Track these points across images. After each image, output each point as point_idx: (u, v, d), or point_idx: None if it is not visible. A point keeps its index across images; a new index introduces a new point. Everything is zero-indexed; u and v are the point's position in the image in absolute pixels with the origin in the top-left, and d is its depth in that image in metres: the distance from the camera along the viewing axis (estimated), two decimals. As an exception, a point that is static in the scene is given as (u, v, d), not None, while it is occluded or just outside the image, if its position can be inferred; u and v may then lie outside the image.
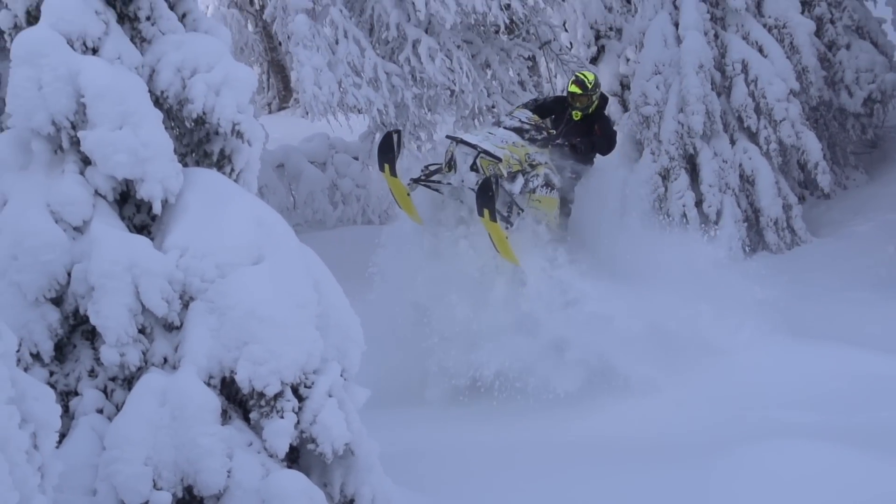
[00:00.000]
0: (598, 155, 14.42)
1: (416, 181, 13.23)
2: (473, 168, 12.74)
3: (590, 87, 13.93)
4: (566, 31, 28.16)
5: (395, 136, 13.05)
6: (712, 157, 18.32)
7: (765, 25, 18.69)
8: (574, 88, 13.92)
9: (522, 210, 13.02)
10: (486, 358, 12.97)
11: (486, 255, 13.07)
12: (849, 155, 20.25)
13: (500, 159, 12.57)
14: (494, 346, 12.95)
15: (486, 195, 12.01)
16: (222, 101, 8.91)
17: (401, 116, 18.02)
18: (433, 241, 13.54)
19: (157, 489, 7.82)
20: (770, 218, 18.29)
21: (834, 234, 18.44)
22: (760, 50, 18.46)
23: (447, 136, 13.55)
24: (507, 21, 17.19)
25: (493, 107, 18.10)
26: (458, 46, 16.95)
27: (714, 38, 18.61)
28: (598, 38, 28.59)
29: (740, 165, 18.49)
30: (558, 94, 16.24)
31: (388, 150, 12.98)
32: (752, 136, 18.61)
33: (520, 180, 12.92)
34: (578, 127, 13.94)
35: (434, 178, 13.27)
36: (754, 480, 9.66)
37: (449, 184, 13.10)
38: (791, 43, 18.70)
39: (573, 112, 13.98)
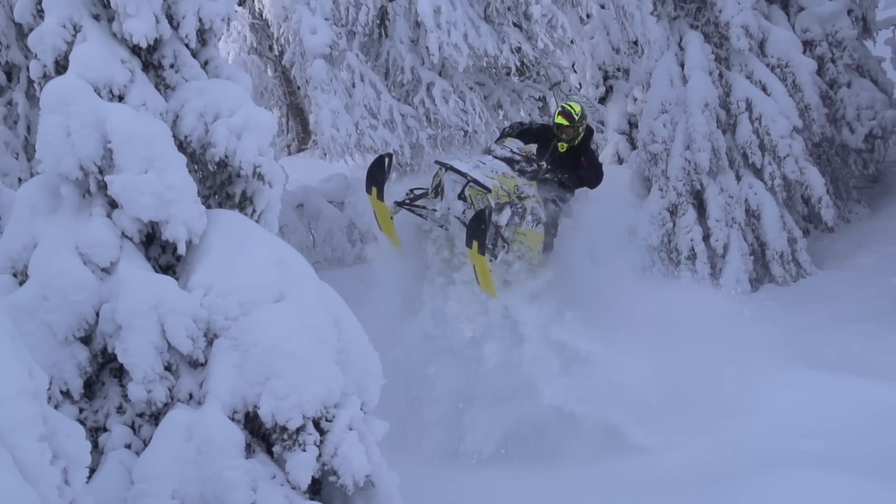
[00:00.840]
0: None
1: (400, 205, 12.48)
2: (461, 197, 12.09)
3: (577, 118, 13.11)
4: (575, 72, 28.34)
5: (386, 160, 12.29)
6: (719, 192, 18.32)
7: (768, 65, 18.72)
8: (561, 120, 13.13)
9: (508, 244, 12.28)
10: (478, 442, 12.33)
11: (473, 312, 12.45)
12: (851, 189, 20.23)
13: (489, 190, 11.87)
14: (490, 424, 12.27)
15: (479, 227, 11.32)
16: (244, 144, 8.97)
17: (416, 157, 18.08)
18: (416, 293, 12.90)
19: (184, 521, 7.86)
20: (776, 251, 18.27)
21: (838, 267, 18.40)
22: (764, 89, 18.47)
23: (436, 162, 12.61)
24: (518, 63, 17.27)
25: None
26: (471, 88, 17.04)
27: (719, 78, 18.64)
28: (606, 78, 28.80)
29: (746, 200, 18.48)
30: (544, 121, 15.37)
31: (378, 174, 12.24)
32: (757, 172, 18.60)
33: (507, 212, 12.16)
34: (564, 158, 13.16)
35: (419, 202, 12.56)
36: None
37: (434, 210, 12.41)
38: (793, 81, 18.72)
39: (559, 143, 13.18)
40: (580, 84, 28.24)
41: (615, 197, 19.29)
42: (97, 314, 8.24)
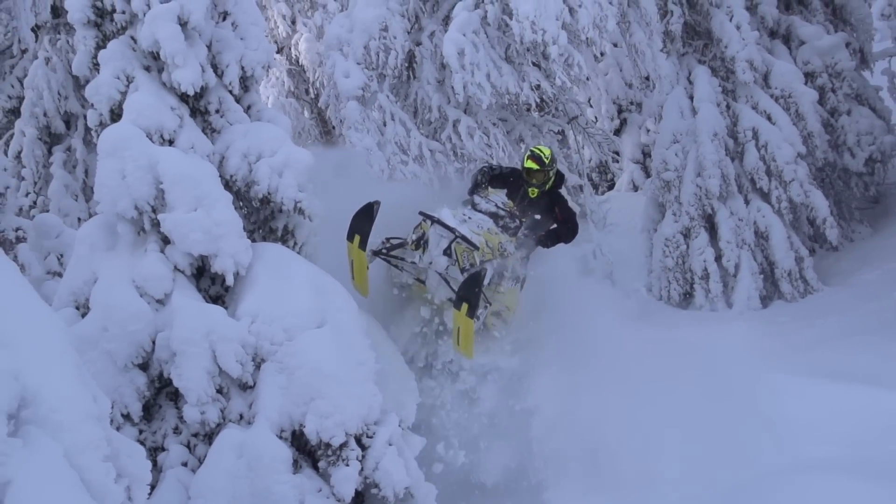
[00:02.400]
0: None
1: (377, 254, 10.84)
2: (446, 252, 10.65)
3: (547, 162, 11.91)
4: (591, 106, 28.38)
5: (375, 207, 10.67)
6: (729, 216, 18.32)
7: (772, 96, 18.72)
8: (531, 164, 11.92)
9: (490, 303, 10.92)
10: None
11: (462, 416, 11.07)
12: (854, 210, 20.15)
13: (477, 247, 10.57)
14: None
15: (472, 290, 9.98)
16: (285, 181, 9.06)
17: (444, 189, 18.08)
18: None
19: (238, 533, 7.91)
20: (784, 270, 18.23)
21: (843, 283, 18.33)
22: (769, 118, 18.47)
23: (421, 213, 10.85)
24: (538, 100, 17.26)
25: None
26: (494, 124, 17.03)
27: (726, 109, 18.67)
28: (620, 111, 28.84)
29: (755, 223, 18.47)
30: (514, 166, 13.92)
31: (364, 222, 10.55)
32: (765, 196, 18.59)
33: (489, 271, 10.90)
34: (535, 204, 11.90)
35: (396, 253, 11.01)
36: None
37: (413, 262, 10.88)
38: (797, 111, 18.70)
39: (529, 189, 12.01)
40: (596, 117, 28.27)
41: (632, 225, 19.34)
42: (153, 342, 8.32)
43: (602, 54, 27.38)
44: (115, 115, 8.90)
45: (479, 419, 11.21)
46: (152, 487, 7.69)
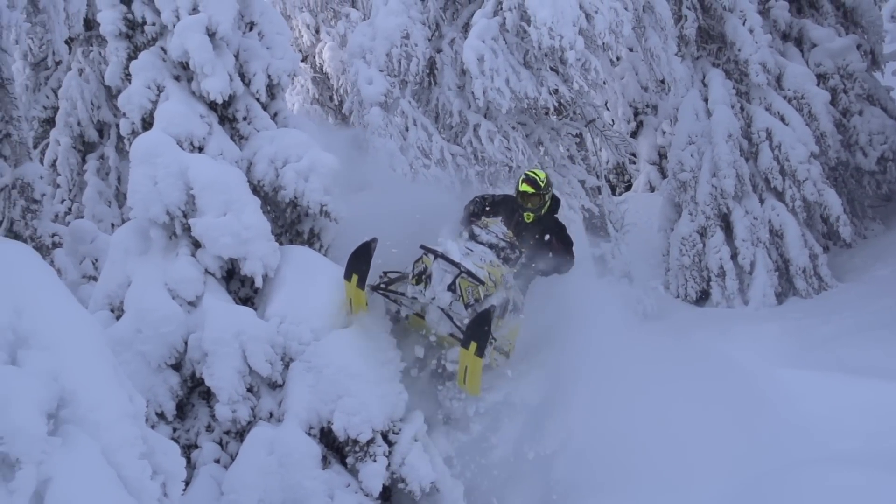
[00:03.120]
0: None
1: (375, 289, 9.72)
2: (450, 287, 9.72)
3: (542, 185, 11.06)
4: (608, 109, 28.31)
5: (372, 245, 9.58)
6: (744, 215, 18.25)
7: (785, 97, 18.64)
8: (525, 187, 11.05)
9: (495, 339, 9.95)
10: None
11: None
12: (866, 208, 20.02)
13: (482, 282, 9.76)
14: None
15: (481, 329, 9.03)
16: (311, 185, 9.11)
17: (465, 192, 18.09)
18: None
19: (269, 528, 7.96)
20: (799, 267, 18.15)
21: (857, 280, 18.22)
22: (782, 119, 18.39)
23: (422, 247, 9.90)
24: (556, 104, 17.24)
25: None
26: (514, 128, 17.01)
27: (740, 110, 18.60)
28: (636, 114, 28.78)
29: (769, 221, 18.38)
30: (508, 192, 12.73)
31: (362, 262, 9.38)
32: (779, 195, 18.51)
33: (493, 305, 9.99)
34: (530, 229, 11.01)
35: (394, 287, 10.00)
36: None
37: (413, 298, 9.83)
38: (809, 111, 18.61)
39: (524, 214, 11.10)
40: (613, 120, 28.22)
41: (649, 224, 19.29)
42: (186, 343, 8.38)
43: (618, 59, 27.33)
44: (147, 123, 8.97)
45: (489, 472, 10.26)
46: (186, 483, 7.73)
